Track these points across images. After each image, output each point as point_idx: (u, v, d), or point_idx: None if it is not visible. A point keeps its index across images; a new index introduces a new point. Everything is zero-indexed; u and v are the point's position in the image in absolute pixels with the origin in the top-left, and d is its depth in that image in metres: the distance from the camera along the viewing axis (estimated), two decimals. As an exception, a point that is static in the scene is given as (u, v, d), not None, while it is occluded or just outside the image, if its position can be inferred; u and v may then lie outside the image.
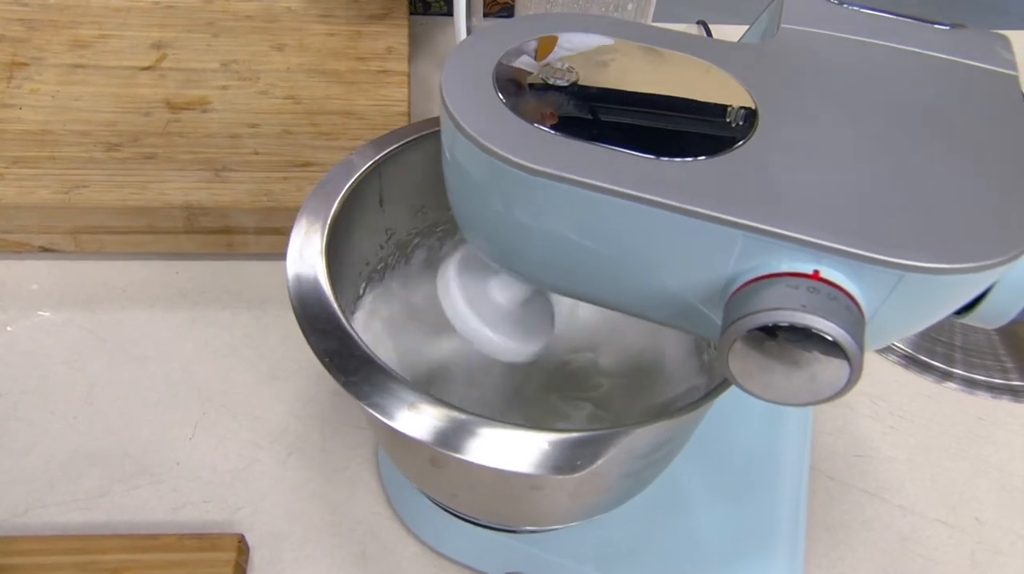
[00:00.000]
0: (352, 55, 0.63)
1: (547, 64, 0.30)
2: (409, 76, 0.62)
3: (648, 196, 0.26)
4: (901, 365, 0.53)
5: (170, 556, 0.39)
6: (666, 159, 0.27)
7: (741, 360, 0.26)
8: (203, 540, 0.40)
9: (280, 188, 0.52)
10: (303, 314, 0.32)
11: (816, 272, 0.25)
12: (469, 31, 0.55)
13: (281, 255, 0.54)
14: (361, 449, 0.46)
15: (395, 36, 0.65)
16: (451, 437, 0.29)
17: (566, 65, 0.30)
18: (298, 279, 0.33)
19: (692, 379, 0.42)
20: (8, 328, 0.49)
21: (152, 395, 0.47)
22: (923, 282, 0.25)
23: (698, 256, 0.27)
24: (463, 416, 0.29)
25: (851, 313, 0.25)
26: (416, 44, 0.70)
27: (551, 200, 0.27)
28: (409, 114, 0.60)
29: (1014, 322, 0.31)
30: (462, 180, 0.30)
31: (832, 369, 0.25)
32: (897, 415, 0.50)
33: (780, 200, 0.26)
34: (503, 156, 0.27)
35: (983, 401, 0.52)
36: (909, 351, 0.54)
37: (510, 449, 0.28)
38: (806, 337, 0.24)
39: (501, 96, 0.29)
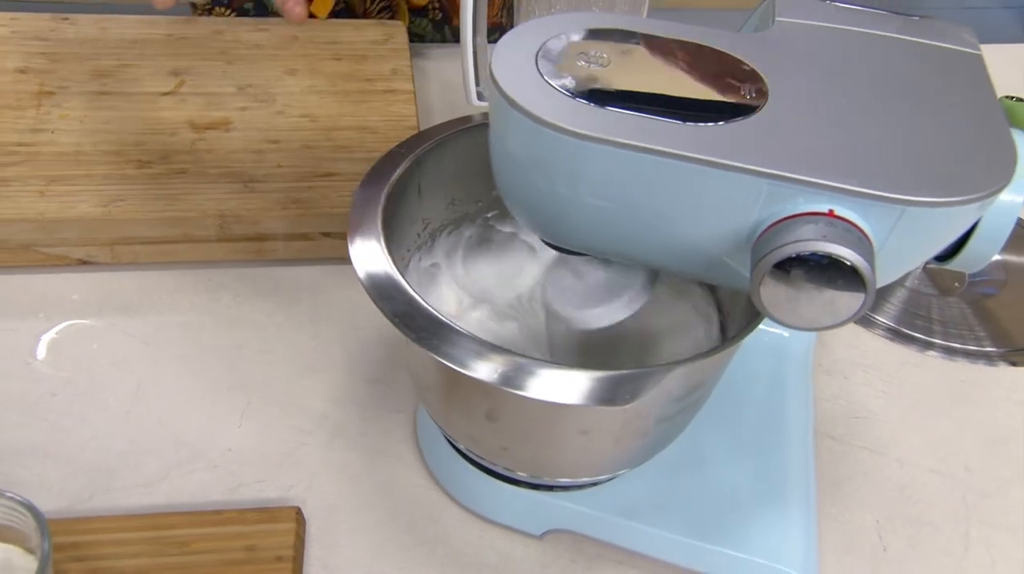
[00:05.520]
0: (360, 77, 0.67)
1: (582, 52, 0.34)
2: (415, 94, 0.66)
3: (682, 152, 0.30)
4: (887, 338, 0.58)
5: (234, 529, 0.42)
6: (691, 124, 0.31)
7: (771, 291, 0.30)
8: (263, 513, 0.43)
9: (307, 196, 0.56)
10: (371, 283, 0.35)
11: (831, 211, 0.29)
12: (475, 49, 0.60)
13: (308, 260, 0.58)
14: (399, 432, 0.49)
15: (398, 59, 0.69)
16: (514, 378, 0.32)
17: (598, 52, 0.34)
18: (361, 252, 0.36)
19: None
20: (54, 334, 0.52)
21: (197, 390, 0.50)
22: (921, 215, 0.29)
23: (727, 205, 0.31)
24: (523, 360, 0.33)
25: (863, 244, 0.29)
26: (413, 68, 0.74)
27: (594, 162, 0.31)
28: (418, 128, 0.64)
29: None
30: (511, 157, 0.34)
31: (850, 293, 0.29)
32: (887, 381, 0.55)
33: (796, 153, 0.30)
34: (551, 123, 0.31)
35: (962, 366, 0.56)
36: (893, 325, 0.59)
37: (567, 385, 0.32)
38: (827, 266, 0.29)
39: (545, 78, 0.33)
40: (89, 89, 0.63)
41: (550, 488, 0.43)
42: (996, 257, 0.64)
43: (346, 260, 0.57)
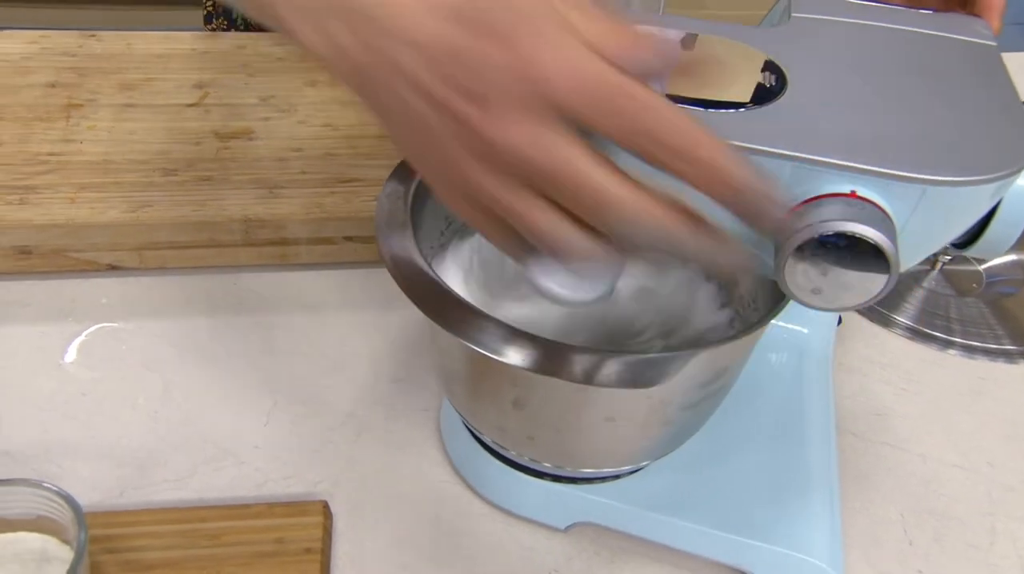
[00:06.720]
0: (380, 87, 0.68)
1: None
2: (434, 103, 0.67)
3: (707, 138, 0.31)
4: (907, 337, 0.58)
5: (264, 522, 0.42)
6: (713, 111, 0.32)
7: (795, 272, 0.31)
8: (291, 507, 0.43)
9: (330, 201, 0.57)
10: (400, 272, 0.36)
11: (853, 191, 0.30)
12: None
13: (331, 264, 0.59)
14: (423, 429, 0.49)
15: (417, 70, 0.71)
16: (542, 362, 0.33)
17: (621, 45, 0.35)
18: (391, 247, 0.37)
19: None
20: (84, 337, 0.53)
21: (224, 390, 0.50)
22: (941, 195, 0.30)
23: (751, 189, 0.31)
24: (551, 344, 0.33)
25: (886, 223, 0.30)
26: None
27: (618, 151, 0.32)
28: (438, 136, 0.65)
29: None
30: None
31: (874, 273, 0.30)
32: (908, 379, 0.55)
33: (816, 136, 0.31)
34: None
35: (982, 364, 0.57)
36: (912, 324, 0.59)
37: (594, 369, 0.32)
38: (850, 245, 0.29)
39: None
40: (116, 102, 0.64)
41: (574, 480, 0.44)
42: (1014, 257, 0.64)
43: (368, 264, 0.59)
